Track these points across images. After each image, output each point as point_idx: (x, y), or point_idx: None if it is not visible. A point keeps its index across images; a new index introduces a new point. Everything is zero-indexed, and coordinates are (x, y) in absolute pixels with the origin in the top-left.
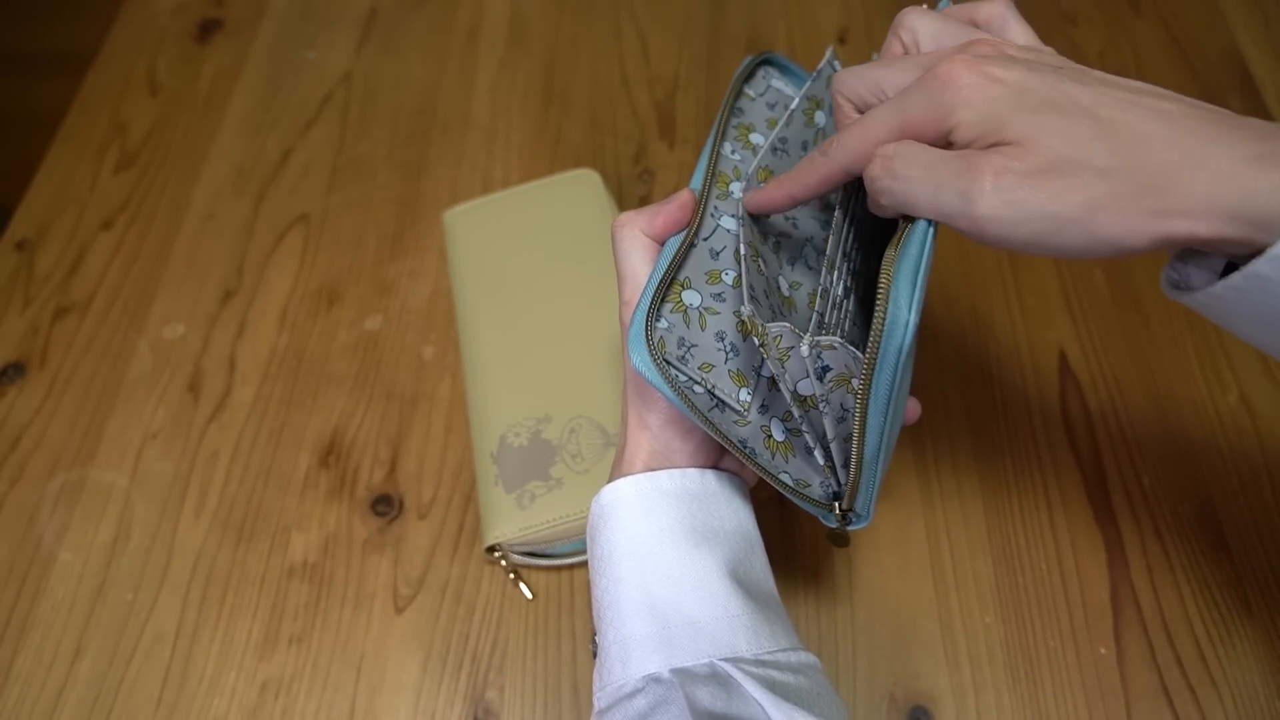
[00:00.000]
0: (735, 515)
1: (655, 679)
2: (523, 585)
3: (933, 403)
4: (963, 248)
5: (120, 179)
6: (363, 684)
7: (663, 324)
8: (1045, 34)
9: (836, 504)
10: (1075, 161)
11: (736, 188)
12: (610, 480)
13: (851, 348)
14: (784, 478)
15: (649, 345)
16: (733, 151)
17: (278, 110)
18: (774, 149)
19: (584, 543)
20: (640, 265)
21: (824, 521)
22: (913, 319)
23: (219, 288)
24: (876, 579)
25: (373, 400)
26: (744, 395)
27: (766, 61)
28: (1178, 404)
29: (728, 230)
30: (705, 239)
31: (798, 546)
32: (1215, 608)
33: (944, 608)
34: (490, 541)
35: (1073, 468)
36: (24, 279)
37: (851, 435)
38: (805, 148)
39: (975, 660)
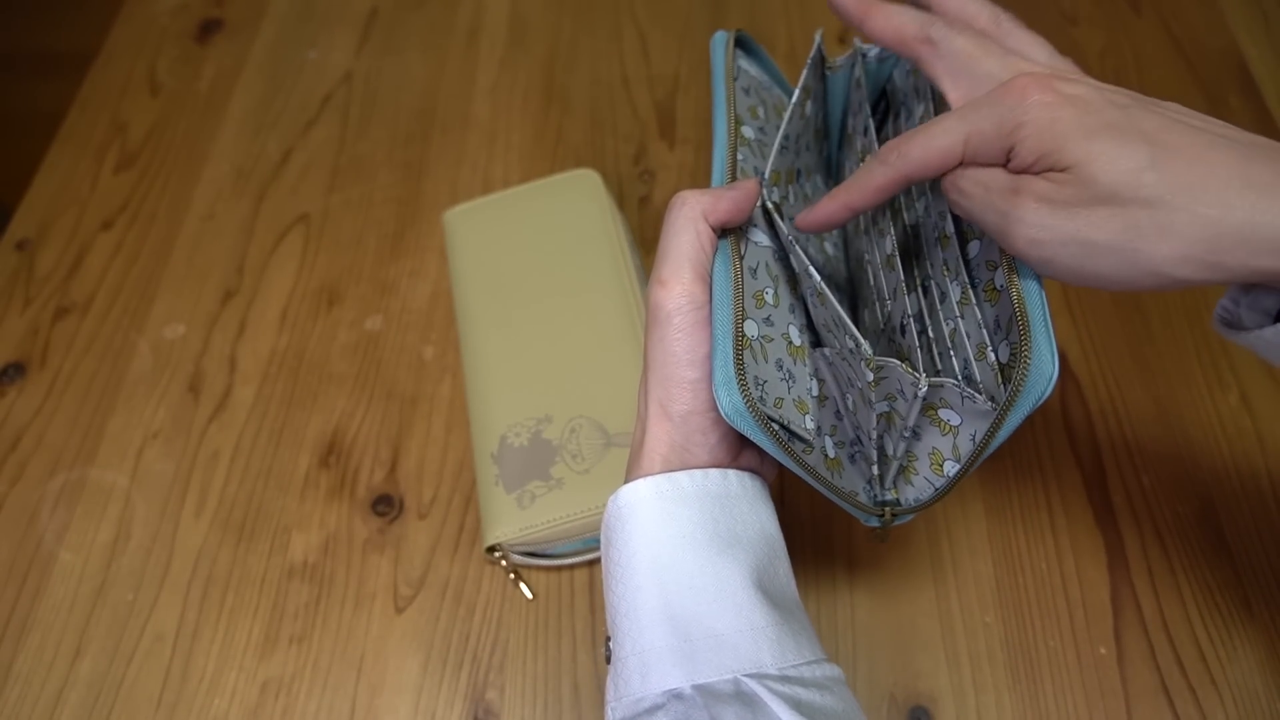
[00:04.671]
0: (758, 518)
1: (677, 695)
2: (523, 585)
3: None
4: None
5: (121, 179)
6: (363, 684)
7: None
8: (1045, 34)
9: (886, 509)
10: (1120, 193)
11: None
12: (627, 476)
13: (967, 389)
14: (836, 493)
15: (743, 392)
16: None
17: (278, 110)
18: (782, 148)
19: (584, 543)
20: (687, 250)
21: (865, 523)
22: (1055, 370)
23: (219, 288)
24: (877, 579)
25: (373, 400)
26: (809, 423)
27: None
28: (1178, 404)
29: (757, 244)
30: (742, 257)
31: (798, 547)
32: (1215, 608)
33: (944, 608)
34: (490, 541)
35: (1073, 468)
36: (24, 279)
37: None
38: (804, 144)
39: (975, 660)
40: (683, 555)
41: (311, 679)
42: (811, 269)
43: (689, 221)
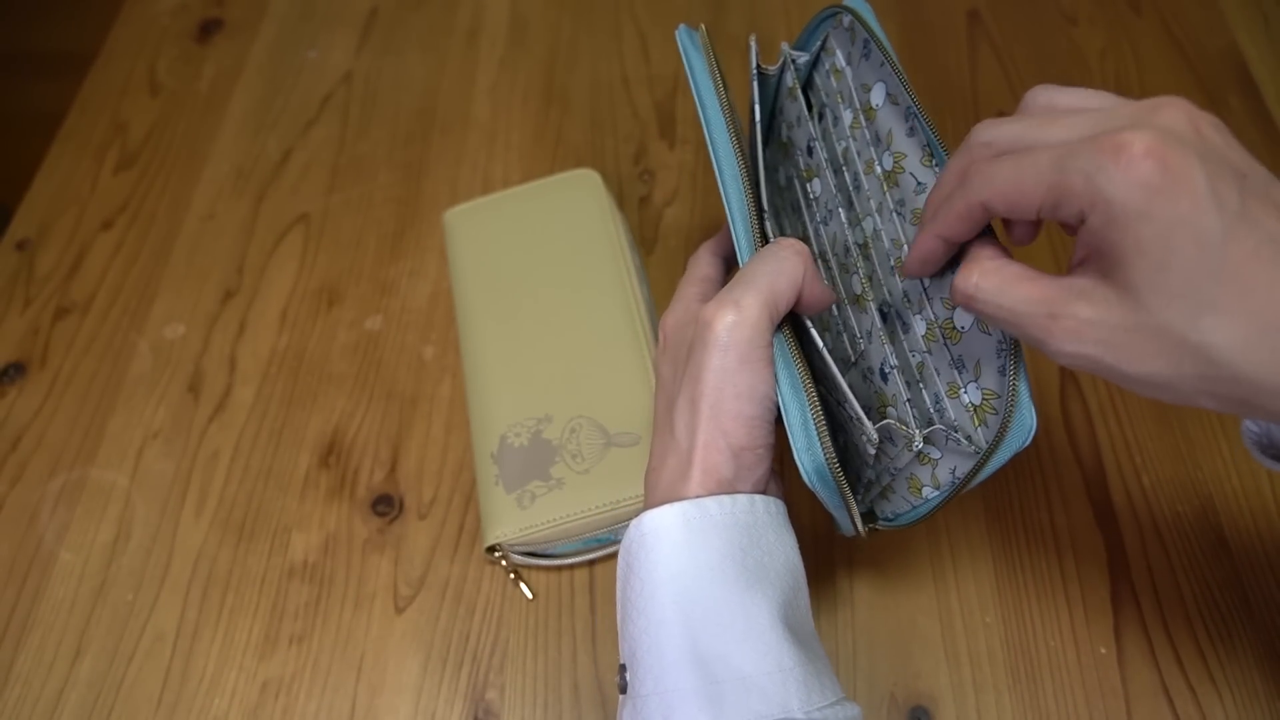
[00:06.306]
0: (783, 547)
1: None
2: (523, 585)
3: None
4: None
5: (121, 179)
6: (363, 684)
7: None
8: (1045, 34)
9: (870, 524)
10: (1172, 328)
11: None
12: (655, 497)
13: (954, 434)
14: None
15: (826, 454)
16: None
17: (278, 110)
18: (769, 176)
19: (585, 543)
20: (778, 290)
21: (839, 531)
22: (1035, 421)
23: (219, 288)
24: (877, 579)
25: (373, 400)
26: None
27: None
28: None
29: None
30: None
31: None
32: (1215, 607)
33: (944, 608)
34: (490, 541)
35: (1073, 468)
36: (24, 279)
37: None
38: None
39: (975, 660)
40: (710, 589)
41: (311, 679)
42: (818, 339)
43: (796, 271)
